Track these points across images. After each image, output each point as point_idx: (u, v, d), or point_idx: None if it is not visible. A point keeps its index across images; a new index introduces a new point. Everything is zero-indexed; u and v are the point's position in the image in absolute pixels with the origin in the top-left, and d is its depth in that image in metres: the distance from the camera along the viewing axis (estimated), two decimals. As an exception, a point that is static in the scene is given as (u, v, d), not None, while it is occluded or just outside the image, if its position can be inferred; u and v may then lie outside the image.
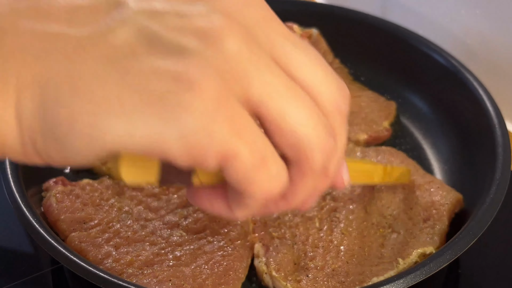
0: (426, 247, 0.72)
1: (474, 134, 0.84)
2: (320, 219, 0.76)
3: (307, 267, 0.71)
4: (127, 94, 0.36)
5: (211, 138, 0.37)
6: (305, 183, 0.44)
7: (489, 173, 0.74)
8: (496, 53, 1.02)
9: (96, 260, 0.70)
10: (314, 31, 1.08)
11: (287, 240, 0.73)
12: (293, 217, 0.76)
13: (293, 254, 0.72)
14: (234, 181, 0.40)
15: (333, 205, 0.77)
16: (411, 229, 0.75)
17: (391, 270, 0.70)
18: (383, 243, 0.74)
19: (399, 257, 0.71)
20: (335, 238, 0.74)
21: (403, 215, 0.77)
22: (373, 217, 0.76)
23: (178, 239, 0.74)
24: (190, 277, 0.69)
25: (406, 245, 0.72)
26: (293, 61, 0.43)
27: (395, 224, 0.76)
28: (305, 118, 0.41)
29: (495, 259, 0.80)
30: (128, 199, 0.80)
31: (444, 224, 0.75)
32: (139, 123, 0.36)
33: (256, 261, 0.72)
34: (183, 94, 0.36)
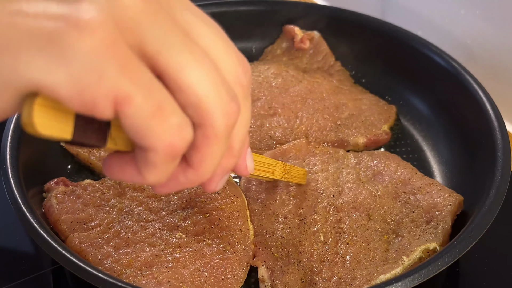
0: (429, 243, 0.72)
1: (474, 136, 0.84)
2: (325, 233, 0.75)
3: (314, 282, 0.70)
4: (14, 33, 0.36)
5: (99, 78, 0.36)
6: (210, 149, 0.43)
7: (489, 176, 0.74)
8: (496, 54, 1.02)
9: (95, 261, 0.70)
10: (316, 34, 1.08)
11: (292, 259, 0.73)
12: (298, 234, 0.75)
13: (299, 272, 0.71)
14: (132, 132, 0.39)
15: (337, 217, 0.77)
16: (414, 231, 0.75)
17: (397, 267, 0.70)
18: (387, 248, 0.74)
19: (404, 255, 0.71)
20: (340, 249, 0.73)
21: (406, 219, 0.77)
22: (376, 224, 0.76)
23: (177, 241, 0.74)
24: (189, 279, 0.69)
25: (409, 245, 0.73)
26: (195, 29, 0.43)
27: (399, 229, 0.76)
28: (206, 77, 0.41)
29: (495, 259, 0.80)
30: (129, 200, 0.81)
31: (448, 224, 0.75)
32: (27, 61, 0.36)
33: (262, 286, 0.72)
34: (72, 33, 0.36)
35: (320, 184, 0.81)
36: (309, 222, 0.76)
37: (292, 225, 0.76)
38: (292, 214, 0.78)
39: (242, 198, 0.80)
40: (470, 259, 0.79)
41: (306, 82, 0.99)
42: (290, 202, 0.79)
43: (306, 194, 0.80)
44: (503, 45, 1.00)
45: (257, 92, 0.97)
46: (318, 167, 0.84)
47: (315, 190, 0.81)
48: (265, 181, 0.83)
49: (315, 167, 0.85)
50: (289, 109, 0.95)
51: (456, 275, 0.78)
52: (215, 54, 0.44)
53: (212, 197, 0.78)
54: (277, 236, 0.75)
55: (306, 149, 0.88)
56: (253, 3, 1.08)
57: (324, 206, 0.78)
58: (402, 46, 0.98)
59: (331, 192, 0.80)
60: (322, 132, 0.92)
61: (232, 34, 1.09)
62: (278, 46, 1.10)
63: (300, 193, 0.80)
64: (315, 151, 0.87)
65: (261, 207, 0.79)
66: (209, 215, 0.77)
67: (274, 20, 1.09)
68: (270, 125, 0.93)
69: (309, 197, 0.80)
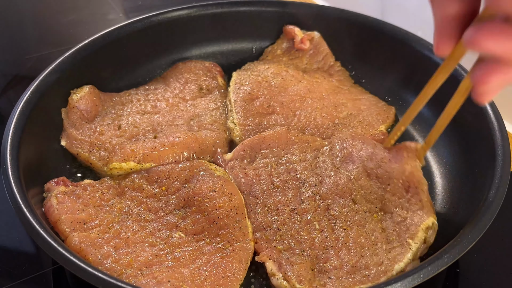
0: (427, 220, 0.73)
1: (474, 137, 0.84)
2: (318, 221, 0.77)
3: (325, 270, 0.71)
4: None
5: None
6: None
7: (489, 177, 0.74)
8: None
9: (95, 261, 0.71)
10: (316, 34, 1.08)
11: (295, 249, 0.74)
12: (293, 225, 0.76)
13: (307, 261, 0.72)
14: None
15: (324, 204, 0.78)
16: (400, 204, 0.76)
17: (407, 253, 0.71)
18: (382, 227, 0.75)
19: (408, 238, 0.72)
20: (340, 235, 0.75)
21: (386, 194, 0.78)
22: (363, 206, 0.78)
23: (177, 240, 0.75)
24: (189, 278, 0.69)
25: (404, 222, 0.74)
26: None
27: (384, 206, 0.77)
28: None
29: (494, 258, 0.80)
30: (128, 199, 0.81)
31: (426, 184, 0.78)
32: None
33: (274, 279, 0.72)
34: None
35: (299, 173, 0.83)
36: (300, 212, 0.78)
37: (285, 216, 0.78)
38: (282, 205, 0.79)
39: (239, 196, 0.80)
40: (470, 259, 0.79)
41: (305, 82, 1.00)
42: (276, 192, 0.81)
43: (288, 184, 0.82)
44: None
45: (256, 91, 0.98)
46: (297, 157, 0.86)
47: (295, 179, 0.82)
48: (249, 169, 0.84)
49: (294, 157, 0.86)
50: (288, 107, 0.95)
51: (456, 274, 0.78)
52: None
53: (210, 195, 0.79)
54: (275, 229, 0.76)
55: (286, 137, 0.89)
56: (253, 3, 1.08)
57: (309, 195, 0.80)
58: (402, 46, 0.98)
59: (312, 181, 0.82)
60: (318, 129, 0.92)
61: (232, 34, 1.12)
62: (278, 46, 1.10)
63: (283, 183, 0.82)
64: (294, 140, 0.88)
65: (254, 201, 0.81)
66: (207, 213, 0.77)
67: (275, 20, 1.09)
68: (268, 123, 0.94)
69: (291, 187, 0.81)
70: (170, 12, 1.05)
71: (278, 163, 0.85)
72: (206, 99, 0.99)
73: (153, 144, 0.87)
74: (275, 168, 0.84)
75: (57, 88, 0.90)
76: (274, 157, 0.86)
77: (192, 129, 0.93)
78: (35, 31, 1.33)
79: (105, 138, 0.89)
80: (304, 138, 0.89)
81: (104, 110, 0.95)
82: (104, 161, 0.86)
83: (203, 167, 0.84)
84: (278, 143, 0.88)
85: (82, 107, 0.92)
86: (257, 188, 0.82)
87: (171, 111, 0.96)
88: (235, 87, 0.99)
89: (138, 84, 1.03)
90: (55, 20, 1.35)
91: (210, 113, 0.96)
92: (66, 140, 0.89)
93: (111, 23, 1.02)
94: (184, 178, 0.83)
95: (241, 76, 1.02)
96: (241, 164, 0.86)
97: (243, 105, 0.96)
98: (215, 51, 1.11)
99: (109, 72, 1.01)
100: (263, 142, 0.88)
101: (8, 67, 1.21)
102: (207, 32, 1.09)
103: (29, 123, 0.82)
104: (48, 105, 0.88)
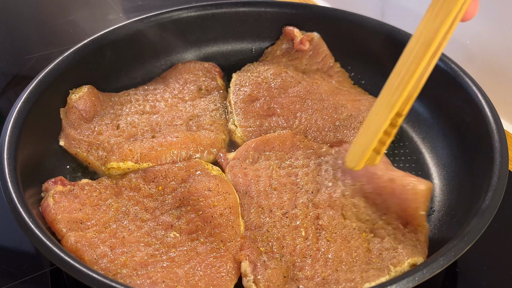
0: (417, 257, 0.72)
1: (472, 139, 0.84)
2: (306, 228, 0.76)
3: (297, 278, 0.71)
4: None
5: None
6: None
7: (486, 179, 0.74)
8: (495, 55, 1.01)
9: (91, 261, 0.71)
10: (316, 35, 1.08)
11: (275, 253, 0.74)
12: (281, 228, 0.76)
13: (282, 267, 0.72)
14: None
15: (315, 213, 0.78)
16: (393, 234, 0.75)
17: (383, 276, 0.70)
18: (368, 248, 0.74)
19: (391, 264, 0.71)
20: (322, 246, 0.74)
21: (379, 221, 0.77)
22: (353, 223, 0.77)
23: (172, 240, 0.75)
24: (183, 279, 0.69)
25: (395, 252, 0.73)
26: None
27: (376, 230, 0.76)
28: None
29: (493, 258, 0.80)
30: (125, 199, 0.81)
31: (426, 228, 0.76)
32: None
33: (244, 280, 0.71)
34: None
35: (300, 179, 0.83)
36: (291, 217, 0.78)
37: (276, 218, 0.77)
38: (275, 207, 0.79)
39: (234, 195, 0.80)
40: (469, 259, 0.79)
41: (305, 83, 0.99)
42: (273, 195, 0.81)
43: (286, 188, 0.82)
44: (502, 46, 1.00)
45: (256, 93, 0.97)
46: (300, 162, 0.86)
47: (294, 184, 0.82)
48: (250, 169, 0.84)
49: (297, 162, 0.86)
50: (288, 109, 0.95)
51: (455, 274, 0.78)
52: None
53: (205, 194, 0.79)
54: (264, 230, 0.76)
55: (291, 141, 0.89)
56: (253, 4, 1.08)
57: (303, 201, 0.79)
58: (402, 47, 0.97)
59: (310, 188, 0.81)
60: (321, 132, 0.92)
61: (232, 35, 1.12)
62: (278, 47, 1.10)
63: (281, 185, 0.82)
64: (299, 145, 0.88)
65: (249, 201, 0.81)
66: (202, 212, 0.77)
67: (274, 21, 1.09)
68: (269, 124, 0.94)
69: (289, 190, 0.81)
70: (170, 13, 1.05)
71: (280, 166, 0.85)
72: (205, 99, 0.99)
73: (151, 144, 0.87)
74: (276, 171, 0.84)
75: (56, 88, 0.90)
76: (277, 159, 0.86)
77: (191, 129, 0.93)
78: (35, 31, 1.33)
79: (104, 138, 0.89)
80: (310, 144, 0.88)
81: (103, 110, 0.95)
82: (102, 160, 0.86)
83: (199, 166, 0.84)
84: (282, 147, 0.88)
85: (80, 107, 0.92)
86: (254, 189, 0.82)
87: (170, 111, 0.96)
88: (235, 88, 0.99)
89: (137, 84, 1.03)
90: (55, 20, 1.36)
91: (210, 113, 0.96)
92: (64, 140, 0.90)
93: (111, 23, 1.02)
94: (181, 177, 0.83)
95: (240, 78, 1.01)
96: (243, 164, 0.86)
97: (243, 106, 0.96)
98: (215, 52, 1.11)
99: (108, 72, 1.01)
100: (267, 144, 0.88)
101: (8, 67, 1.21)
102: (206, 33, 1.09)
103: (27, 123, 0.82)
104: (46, 105, 0.88)
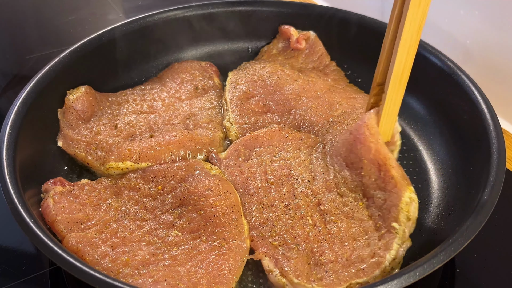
0: (403, 196, 0.73)
1: (469, 136, 0.85)
2: (311, 216, 0.77)
3: (321, 263, 0.72)
4: None
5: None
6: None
7: (484, 175, 0.74)
8: (495, 54, 1.02)
9: (93, 261, 0.71)
10: (312, 34, 1.09)
11: (290, 245, 0.74)
12: (287, 220, 0.77)
13: (302, 256, 0.73)
14: None
15: (316, 199, 0.79)
16: (377, 186, 0.77)
17: (393, 239, 0.72)
18: (368, 214, 0.76)
19: (393, 222, 0.73)
20: (331, 229, 0.75)
21: (363, 179, 0.78)
22: (348, 197, 0.78)
23: (173, 239, 0.75)
24: (185, 277, 0.69)
25: (385, 204, 0.75)
26: None
27: (365, 191, 0.78)
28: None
29: (492, 258, 0.80)
30: (125, 199, 0.81)
31: (392, 159, 0.77)
32: None
33: (272, 276, 0.72)
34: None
35: (293, 170, 0.84)
36: (294, 208, 0.78)
37: (280, 212, 0.78)
38: (276, 201, 0.80)
39: (234, 194, 0.80)
40: (469, 259, 0.79)
41: (301, 81, 1.00)
42: (271, 189, 0.81)
43: (282, 181, 0.82)
44: (502, 46, 1.01)
45: (252, 90, 0.98)
46: (290, 154, 0.86)
47: (290, 176, 0.83)
48: (244, 167, 0.85)
49: (288, 153, 0.86)
50: (283, 106, 0.96)
51: (453, 273, 0.78)
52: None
53: (206, 194, 0.79)
54: (270, 225, 0.77)
55: (279, 135, 0.89)
56: (249, 3, 1.08)
57: (302, 191, 0.80)
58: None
59: (306, 177, 0.82)
60: (313, 128, 0.93)
61: (228, 34, 1.12)
62: (274, 46, 1.10)
63: (277, 179, 0.83)
64: (288, 137, 0.89)
65: (249, 198, 0.81)
66: (203, 212, 0.77)
67: (270, 20, 1.09)
68: (264, 121, 0.94)
69: (285, 183, 0.82)
70: (166, 12, 1.05)
71: (272, 160, 0.86)
72: (202, 98, 1.00)
73: (149, 143, 0.87)
74: (270, 165, 0.85)
75: (53, 88, 0.90)
76: (268, 154, 0.87)
77: (188, 128, 0.93)
78: (35, 31, 1.33)
79: (102, 137, 0.89)
80: (298, 135, 0.89)
81: (101, 110, 0.95)
82: (101, 160, 0.86)
83: (198, 166, 0.84)
84: (271, 141, 0.89)
85: (78, 107, 0.92)
86: (252, 186, 0.82)
87: (167, 111, 0.96)
88: (230, 86, 1.00)
89: (134, 84, 1.03)
90: (55, 20, 1.35)
91: (206, 112, 0.96)
92: (62, 141, 0.89)
93: (111, 23, 1.02)
94: (180, 177, 0.83)
95: (236, 76, 1.02)
96: (236, 162, 0.86)
97: (238, 104, 0.96)
98: (211, 51, 1.11)
99: (105, 72, 1.01)
100: (257, 140, 0.88)
101: (8, 67, 1.21)
102: (203, 32, 1.09)
103: (25, 124, 0.82)
104: (44, 106, 0.88)
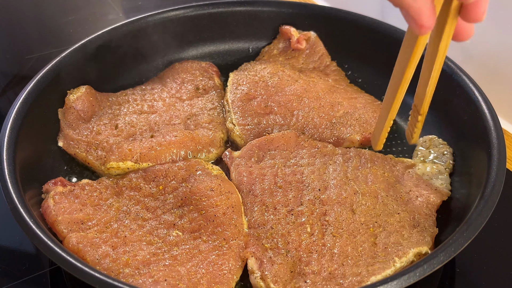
0: (421, 247, 0.73)
1: (469, 136, 0.84)
2: (311, 224, 0.77)
3: (304, 273, 0.71)
4: None
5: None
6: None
7: (484, 175, 0.74)
8: (494, 54, 1.02)
9: (93, 261, 0.71)
10: (312, 34, 1.09)
11: (281, 249, 0.74)
12: (286, 225, 0.77)
13: (288, 263, 0.72)
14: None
15: (322, 209, 0.78)
16: (401, 231, 0.76)
17: (388, 269, 0.70)
18: (375, 242, 0.74)
19: (396, 256, 0.71)
20: (327, 241, 0.74)
21: (391, 218, 0.77)
22: (361, 217, 0.77)
23: (174, 239, 0.75)
24: (186, 277, 0.70)
25: (399, 245, 0.73)
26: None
27: (385, 224, 0.77)
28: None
29: (491, 257, 0.80)
30: (126, 199, 0.81)
31: (435, 231, 0.76)
32: None
33: (252, 277, 0.72)
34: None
35: (305, 177, 0.83)
36: (296, 214, 0.78)
37: (281, 216, 0.78)
38: (280, 205, 0.79)
39: (236, 194, 0.80)
40: (468, 259, 0.79)
41: (302, 81, 1.00)
42: (278, 193, 0.81)
43: (292, 186, 0.82)
44: (502, 46, 1.01)
45: (254, 91, 0.98)
46: (305, 160, 0.86)
47: (300, 182, 0.82)
48: (255, 168, 0.84)
49: (302, 160, 0.86)
50: (285, 107, 0.96)
51: (453, 273, 0.78)
52: None
53: (207, 194, 0.79)
54: (268, 227, 0.77)
55: (295, 140, 0.89)
56: (250, 3, 1.08)
57: (310, 199, 0.80)
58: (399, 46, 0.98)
59: (317, 186, 0.81)
60: (317, 129, 0.93)
61: (229, 35, 1.12)
62: (274, 46, 1.10)
63: (286, 184, 0.82)
64: (303, 144, 0.89)
65: (253, 199, 0.81)
66: (204, 212, 0.77)
67: (271, 20, 1.09)
68: (267, 122, 0.94)
69: (294, 188, 0.81)
70: (167, 12, 1.05)
71: (285, 165, 0.85)
72: (203, 99, 1.00)
73: (150, 143, 0.87)
74: (282, 169, 0.85)
75: (54, 88, 0.90)
76: (282, 158, 0.86)
77: (189, 128, 0.93)
78: (35, 31, 1.33)
79: (102, 137, 0.89)
80: (314, 143, 0.89)
81: (101, 110, 0.95)
82: (102, 160, 0.86)
83: (199, 166, 0.84)
84: (287, 146, 0.88)
85: (78, 107, 0.92)
86: (259, 187, 0.82)
87: (168, 111, 0.96)
88: (232, 87, 1.00)
89: (134, 84, 1.03)
90: (55, 20, 1.35)
91: (207, 112, 0.97)
92: (63, 141, 0.89)
93: (111, 23, 1.02)
94: (181, 177, 0.83)
95: (238, 76, 1.02)
96: (248, 162, 0.86)
97: (240, 105, 0.96)
98: (212, 51, 1.11)
99: (106, 72, 1.01)
100: (272, 144, 0.88)
101: (8, 67, 1.21)
102: (203, 32, 1.09)
103: (25, 124, 0.82)
104: (44, 106, 0.88)
